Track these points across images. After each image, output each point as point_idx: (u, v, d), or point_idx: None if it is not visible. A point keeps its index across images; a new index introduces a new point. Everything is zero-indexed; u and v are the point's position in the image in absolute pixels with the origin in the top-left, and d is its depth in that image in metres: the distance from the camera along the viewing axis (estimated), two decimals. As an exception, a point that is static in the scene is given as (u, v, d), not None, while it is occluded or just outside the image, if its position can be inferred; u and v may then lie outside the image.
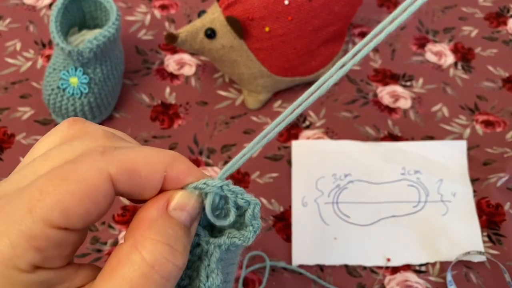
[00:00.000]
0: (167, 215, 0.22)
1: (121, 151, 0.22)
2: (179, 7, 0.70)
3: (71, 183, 0.20)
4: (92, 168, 0.21)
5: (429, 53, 0.66)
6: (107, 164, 0.21)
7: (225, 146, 0.57)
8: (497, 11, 0.71)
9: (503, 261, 0.50)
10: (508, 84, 0.63)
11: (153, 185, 0.23)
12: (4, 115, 0.59)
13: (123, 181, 0.21)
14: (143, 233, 0.21)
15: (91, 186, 0.20)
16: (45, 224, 0.20)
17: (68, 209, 0.20)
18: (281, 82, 0.59)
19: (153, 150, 0.23)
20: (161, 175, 0.23)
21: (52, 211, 0.20)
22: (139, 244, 0.21)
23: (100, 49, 0.53)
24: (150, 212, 0.22)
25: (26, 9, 0.69)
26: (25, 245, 0.19)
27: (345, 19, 0.58)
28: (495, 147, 0.58)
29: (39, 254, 0.20)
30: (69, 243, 0.21)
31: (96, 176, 0.21)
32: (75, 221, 0.20)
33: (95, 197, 0.21)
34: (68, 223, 0.20)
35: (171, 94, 0.61)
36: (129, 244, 0.21)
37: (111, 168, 0.21)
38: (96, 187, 0.21)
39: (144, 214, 0.22)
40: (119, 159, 0.21)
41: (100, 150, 0.22)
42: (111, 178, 0.21)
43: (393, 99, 0.62)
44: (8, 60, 0.64)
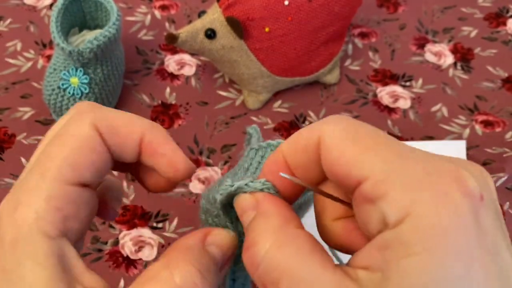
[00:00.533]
0: (203, 247, 0.23)
1: (106, 110, 0.24)
2: (179, 8, 0.70)
3: (69, 141, 0.22)
4: (82, 123, 0.23)
5: (429, 53, 0.66)
6: (93, 118, 0.23)
7: (225, 146, 0.57)
8: (496, 12, 0.71)
9: (502, 261, 0.50)
10: (507, 84, 0.63)
11: (130, 145, 0.24)
12: (4, 115, 0.59)
13: (107, 135, 0.23)
14: (178, 255, 0.22)
15: (85, 138, 0.23)
16: (59, 182, 0.21)
17: (75, 162, 0.22)
18: (281, 82, 0.59)
19: (135, 116, 0.25)
20: (138, 137, 0.24)
21: (62, 168, 0.21)
22: (172, 263, 0.21)
23: (101, 49, 0.53)
24: (188, 241, 0.23)
25: (27, 10, 0.69)
26: (45, 206, 0.21)
27: (344, 20, 0.58)
28: (494, 147, 0.58)
29: (60, 213, 0.21)
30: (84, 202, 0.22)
31: (87, 128, 0.23)
32: (85, 172, 0.22)
33: (93, 147, 0.23)
34: (80, 176, 0.22)
35: (171, 94, 0.62)
36: (162, 262, 0.22)
37: (97, 122, 0.23)
38: (90, 138, 0.23)
39: (182, 242, 0.23)
40: (102, 115, 0.24)
41: (86, 106, 0.24)
42: (98, 130, 0.23)
43: (392, 99, 0.62)
44: (8, 60, 0.64)
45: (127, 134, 0.24)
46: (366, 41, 0.68)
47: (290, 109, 0.61)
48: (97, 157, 0.23)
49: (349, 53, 0.66)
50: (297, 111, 0.60)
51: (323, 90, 0.63)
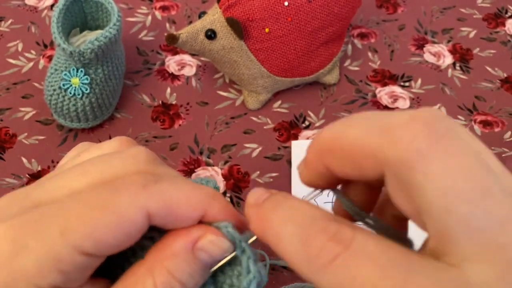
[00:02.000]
0: (191, 253, 0.22)
1: (162, 187, 0.22)
2: (180, 8, 0.71)
3: (109, 215, 0.20)
4: (132, 203, 0.21)
5: (428, 54, 0.67)
6: (147, 201, 0.21)
7: (225, 146, 0.58)
8: (495, 12, 0.71)
9: (501, 260, 0.50)
10: (506, 84, 0.64)
11: (189, 222, 0.22)
12: (6, 115, 0.59)
13: (160, 217, 0.21)
14: (163, 261, 0.21)
15: (129, 222, 0.20)
16: (74, 250, 0.20)
17: (101, 240, 0.20)
18: (281, 82, 0.60)
19: (194, 188, 0.23)
20: (199, 215, 0.22)
21: (84, 239, 0.20)
22: (156, 270, 0.21)
23: (102, 49, 0.54)
24: (177, 243, 0.22)
25: (28, 10, 0.70)
26: (50, 266, 0.19)
27: (344, 20, 0.59)
28: (493, 147, 0.58)
29: (62, 276, 0.20)
30: (92, 267, 0.21)
31: (135, 212, 0.21)
32: (104, 250, 0.20)
33: (130, 232, 0.21)
34: (97, 252, 0.20)
35: (172, 94, 0.62)
36: (147, 267, 0.21)
37: (151, 205, 0.21)
38: (133, 223, 0.21)
39: (171, 242, 0.22)
40: (160, 196, 0.21)
41: (142, 182, 0.21)
42: (149, 214, 0.21)
43: (392, 100, 0.62)
44: (10, 60, 0.64)
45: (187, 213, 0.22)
46: (366, 42, 0.68)
47: (290, 109, 0.61)
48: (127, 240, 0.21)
49: (348, 54, 0.66)
50: (297, 111, 0.61)
51: (323, 90, 0.63)
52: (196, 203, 0.22)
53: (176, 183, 0.22)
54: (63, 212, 0.20)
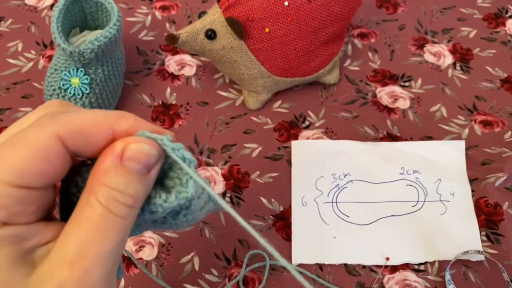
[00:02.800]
0: (121, 165, 0.24)
1: (68, 114, 0.24)
2: (180, 8, 0.71)
3: (23, 147, 0.22)
4: (41, 132, 0.23)
5: (428, 54, 0.67)
6: (56, 127, 0.23)
7: (225, 146, 0.58)
8: (495, 12, 0.71)
9: (501, 260, 0.50)
10: (506, 84, 0.64)
11: (102, 142, 0.24)
12: (5, 115, 0.59)
13: (72, 141, 0.24)
14: (98, 179, 0.23)
15: (41, 147, 0.23)
16: (4, 184, 0.22)
17: (23, 170, 0.22)
18: (281, 82, 0.59)
19: (100, 111, 0.25)
20: (108, 133, 0.24)
21: (8, 174, 0.22)
22: (94, 189, 0.23)
23: (101, 49, 0.54)
24: (105, 161, 0.24)
25: (28, 10, 0.70)
26: None
27: (344, 20, 0.59)
28: (493, 147, 0.58)
29: (4, 210, 0.22)
30: (31, 201, 0.23)
31: (45, 138, 0.23)
32: (31, 179, 0.23)
33: (47, 157, 0.23)
34: (26, 182, 0.22)
35: (172, 94, 0.62)
36: (87, 190, 0.24)
37: (59, 129, 0.23)
38: (46, 148, 0.23)
39: (100, 163, 0.24)
40: (65, 121, 0.24)
41: (49, 116, 0.24)
42: (61, 139, 0.23)
43: (392, 99, 0.62)
44: (9, 60, 0.64)
45: (95, 133, 0.24)
46: (366, 42, 0.68)
47: (290, 109, 0.61)
48: (48, 166, 0.23)
49: (348, 54, 0.66)
50: (297, 111, 0.61)
51: (323, 90, 0.63)
52: (102, 122, 0.24)
53: (83, 110, 0.25)
54: None
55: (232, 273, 0.50)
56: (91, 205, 0.23)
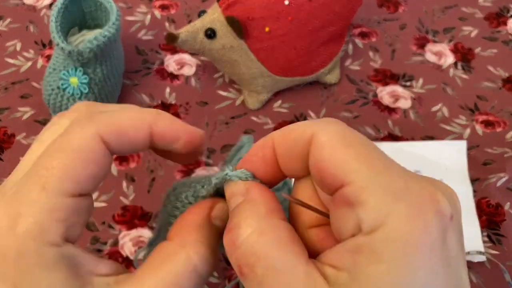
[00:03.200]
0: (210, 222, 0.25)
1: (107, 114, 0.24)
2: (179, 7, 0.70)
3: (69, 152, 0.22)
4: (84, 135, 0.23)
5: (429, 53, 0.66)
6: (95, 127, 0.23)
7: (225, 146, 0.57)
8: (497, 11, 0.71)
9: (503, 261, 0.50)
10: (508, 84, 0.63)
11: (141, 142, 0.25)
12: (4, 115, 0.59)
13: (114, 142, 0.23)
14: (191, 234, 0.24)
15: (89, 150, 0.22)
16: (60, 195, 0.21)
17: (76, 175, 0.22)
18: (281, 82, 0.59)
19: (136, 110, 0.25)
20: (147, 132, 0.24)
21: (63, 181, 0.21)
22: (186, 244, 0.23)
23: (100, 49, 0.53)
24: (198, 218, 0.24)
25: (26, 9, 0.69)
26: (48, 219, 0.21)
27: (345, 20, 0.58)
28: (495, 147, 0.58)
29: (62, 224, 0.21)
30: (84, 209, 0.23)
31: (90, 140, 0.23)
32: (85, 184, 0.22)
33: (95, 159, 0.23)
34: (81, 188, 0.22)
35: (171, 94, 0.61)
36: (176, 243, 0.23)
37: (100, 130, 0.23)
38: (93, 150, 0.22)
39: (192, 218, 0.25)
40: (106, 122, 0.23)
41: (86, 117, 0.24)
42: (102, 140, 0.23)
43: (393, 99, 0.62)
44: (8, 60, 0.64)
45: (135, 133, 0.24)
46: (367, 41, 0.68)
47: (290, 109, 0.61)
48: (98, 168, 0.23)
49: (349, 53, 0.66)
50: (297, 111, 0.60)
51: (324, 90, 0.63)
52: (141, 122, 0.24)
53: (119, 109, 0.25)
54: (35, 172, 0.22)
55: (232, 274, 0.49)
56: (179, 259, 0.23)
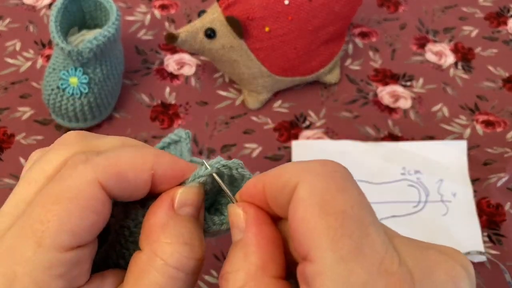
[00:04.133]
0: (176, 215, 0.22)
1: (104, 156, 0.22)
2: (179, 7, 0.70)
3: (66, 202, 0.20)
4: (81, 181, 0.21)
5: (429, 53, 0.66)
6: (94, 172, 0.21)
7: (225, 146, 0.57)
8: (497, 11, 0.71)
9: (503, 261, 0.50)
10: (508, 84, 0.63)
11: (142, 185, 0.23)
12: (4, 115, 0.59)
13: (113, 186, 0.21)
14: (159, 239, 0.21)
15: (87, 199, 0.20)
16: (57, 250, 0.20)
17: (74, 227, 0.20)
18: (281, 82, 0.59)
19: (136, 150, 0.23)
20: (149, 175, 0.23)
21: (60, 235, 0.20)
22: (158, 250, 0.21)
23: (100, 49, 0.53)
24: (159, 216, 0.22)
25: (26, 9, 0.69)
26: (47, 278, 0.20)
27: (345, 19, 0.58)
28: (495, 147, 0.58)
29: (63, 279, 0.20)
30: (86, 258, 0.21)
31: (88, 187, 0.21)
32: (84, 235, 0.21)
33: (94, 207, 0.21)
34: (79, 240, 0.20)
35: (171, 94, 0.61)
36: (148, 253, 0.21)
37: (99, 175, 0.21)
38: (92, 198, 0.21)
39: (153, 219, 0.22)
40: (104, 165, 0.21)
41: (82, 158, 0.21)
42: (101, 185, 0.21)
43: (393, 99, 0.62)
44: (7, 60, 0.63)
45: (136, 177, 0.22)
46: (367, 41, 0.67)
47: (290, 109, 0.60)
48: (97, 216, 0.21)
49: (349, 53, 0.66)
50: (297, 111, 0.60)
51: (324, 90, 0.62)
52: (141, 164, 0.22)
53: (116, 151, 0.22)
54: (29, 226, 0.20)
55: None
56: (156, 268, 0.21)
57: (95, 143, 0.23)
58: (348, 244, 0.18)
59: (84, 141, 0.23)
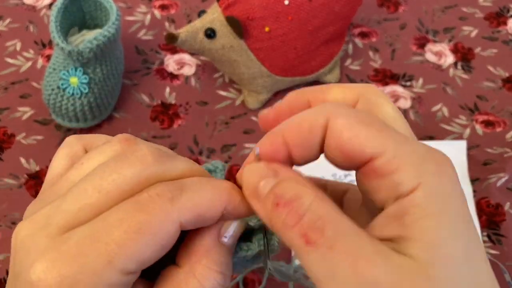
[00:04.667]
0: (220, 244, 0.24)
1: (188, 197, 0.23)
2: (179, 7, 0.70)
3: (146, 236, 0.21)
4: (166, 221, 0.22)
5: (429, 53, 0.66)
6: (179, 215, 0.22)
7: (225, 146, 0.57)
8: (497, 11, 0.71)
9: (503, 261, 0.50)
10: (508, 84, 0.63)
11: (212, 221, 0.24)
12: (4, 115, 0.59)
13: (189, 225, 0.23)
14: (200, 261, 0.23)
15: (165, 236, 0.22)
16: (122, 273, 0.21)
17: (145, 258, 0.22)
18: (281, 82, 0.59)
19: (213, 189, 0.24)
20: (220, 213, 0.24)
21: (129, 263, 0.21)
22: (197, 272, 0.23)
23: (100, 49, 0.53)
24: (205, 241, 0.24)
25: (26, 9, 0.69)
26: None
27: (345, 19, 0.58)
28: (495, 147, 0.58)
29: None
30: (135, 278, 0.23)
31: (169, 228, 0.22)
32: (146, 265, 0.22)
33: (166, 244, 0.22)
34: (141, 268, 0.22)
35: (171, 94, 0.61)
36: (186, 271, 0.23)
37: (182, 218, 0.22)
38: (169, 235, 0.22)
39: (199, 242, 0.24)
40: (188, 207, 0.23)
41: (168, 196, 0.22)
42: (181, 224, 0.22)
43: (393, 99, 0.62)
44: (8, 60, 0.64)
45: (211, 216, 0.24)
46: (367, 41, 0.67)
47: (290, 109, 0.61)
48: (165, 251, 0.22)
49: (349, 53, 0.66)
50: (297, 111, 0.60)
51: (323, 90, 0.62)
52: (218, 202, 0.24)
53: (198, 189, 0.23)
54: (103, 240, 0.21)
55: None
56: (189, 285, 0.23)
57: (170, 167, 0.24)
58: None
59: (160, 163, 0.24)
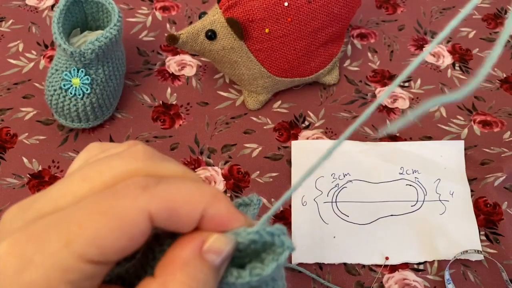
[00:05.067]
0: (201, 257, 0.22)
1: (163, 187, 0.21)
2: (180, 9, 0.71)
3: (110, 219, 0.20)
4: (133, 206, 0.20)
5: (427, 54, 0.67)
6: (149, 202, 0.21)
7: (225, 146, 0.58)
8: (494, 12, 0.72)
9: (500, 260, 0.51)
10: (505, 84, 0.64)
11: (190, 223, 0.22)
12: (7, 115, 0.59)
13: (161, 219, 0.21)
14: (175, 274, 0.21)
15: (131, 225, 0.20)
16: (80, 258, 0.20)
17: (105, 245, 0.20)
18: (281, 82, 0.60)
19: (195, 186, 0.22)
20: (200, 214, 0.22)
21: (88, 247, 0.20)
22: (170, 285, 0.21)
23: (102, 50, 0.54)
24: (184, 252, 0.22)
25: (29, 11, 0.70)
26: (58, 278, 0.19)
27: (344, 21, 0.59)
28: (492, 147, 0.58)
29: (71, 286, 0.20)
30: (100, 274, 0.21)
31: (136, 215, 0.20)
32: (110, 256, 0.20)
33: (132, 235, 0.21)
34: (104, 258, 0.20)
35: (172, 94, 0.62)
36: (159, 283, 0.21)
37: (152, 207, 0.21)
38: (135, 226, 0.20)
39: (178, 252, 0.22)
40: (161, 196, 0.21)
41: (142, 184, 0.21)
42: (151, 216, 0.21)
43: (391, 100, 0.62)
44: (10, 61, 0.64)
45: (187, 213, 0.22)
46: (365, 42, 0.68)
47: (289, 109, 0.61)
48: (130, 243, 0.21)
49: (348, 54, 0.67)
50: (296, 112, 0.61)
51: (323, 90, 0.63)
52: (197, 202, 0.22)
53: (176, 183, 0.22)
54: (66, 221, 0.20)
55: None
56: None
57: (159, 166, 0.23)
58: None
59: (150, 160, 0.23)
